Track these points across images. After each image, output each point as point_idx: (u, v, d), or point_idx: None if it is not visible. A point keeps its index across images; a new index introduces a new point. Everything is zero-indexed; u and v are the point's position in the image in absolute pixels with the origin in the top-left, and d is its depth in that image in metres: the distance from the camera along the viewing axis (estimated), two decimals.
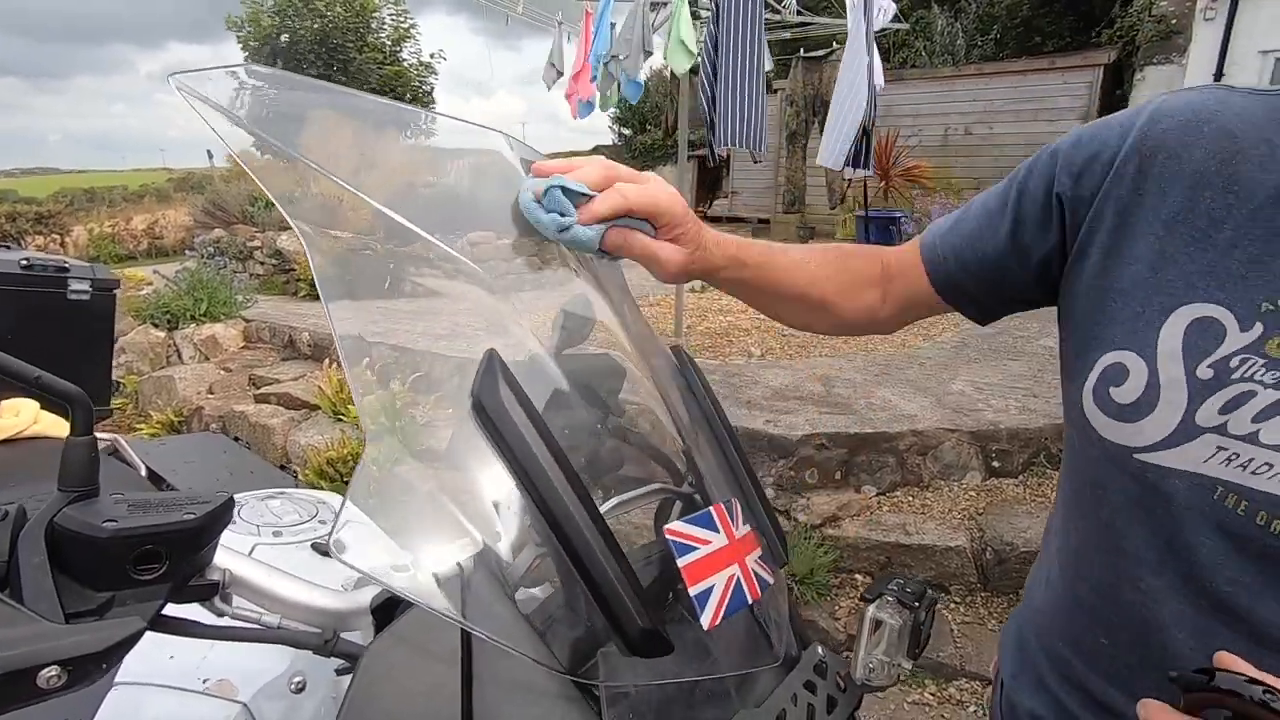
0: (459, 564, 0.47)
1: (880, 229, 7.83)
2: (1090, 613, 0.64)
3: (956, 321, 5.35)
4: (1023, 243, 0.66)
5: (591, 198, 0.58)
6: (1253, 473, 0.50)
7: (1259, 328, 0.51)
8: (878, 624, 0.58)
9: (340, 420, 3.64)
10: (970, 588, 2.66)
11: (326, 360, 4.36)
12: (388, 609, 0.51)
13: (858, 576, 2.74)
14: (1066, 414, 0.64)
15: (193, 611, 0.57)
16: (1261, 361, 0.50)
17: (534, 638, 0.43)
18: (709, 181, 13.41)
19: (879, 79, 4.75)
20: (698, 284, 6.63)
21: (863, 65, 4.52)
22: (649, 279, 0.71)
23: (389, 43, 14.16)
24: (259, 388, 4.49)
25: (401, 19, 14.27)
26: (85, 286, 1.80)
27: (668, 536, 0.50)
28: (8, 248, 1.94)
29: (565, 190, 0.57)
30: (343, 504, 0.41)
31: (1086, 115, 8.58)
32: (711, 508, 0.54)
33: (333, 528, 0.66)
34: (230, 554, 0.56)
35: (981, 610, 2.59)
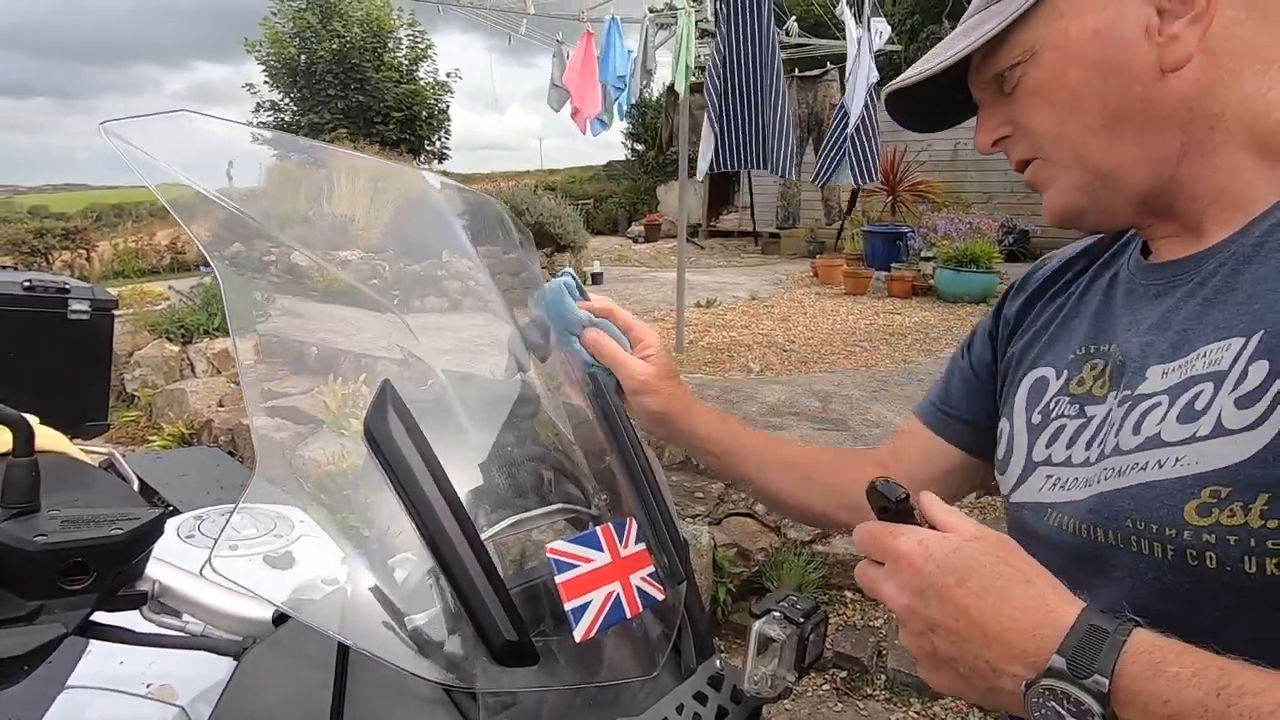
0: (346, 577, 0.51)
1: (886, 244, 7.83)
2: None
3: (960, 338, 5.34)
4: (980, 368, 0.77)
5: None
6: (1063, 489, 0.58)
7: (1065, 374, 0.63)
8: (765, 639, 0.61)
9: (343, 435, 3.71)
10: None
11: (331, 374, 4.44)
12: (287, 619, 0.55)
13: (847, 593, 2.75)
14: None
15: (132, 619, 0.62)
16: (1067, 399, 0.61)
17: (406, 647, 0.47)
18: (719, 196, 13.48)
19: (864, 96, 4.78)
20: (703, 299, 6.66)
21: (863, 88, 4.57)
22: (652, 292, 0.84)
23: (406, 62, 14.45)
24: (268, 401, 4.58)
25: (418, 39, 14.58)
26: (85, 306, 1.88)
27: (548, 555, 0.54)
28: (15, 269, 2.05)
29: (579, 283, 0.78)
30: (228, 518, 0.45)
31: None
32: (598, 528, 0.57)
33: (216, 540, 0.71)
34: (162, 565, 0.61)
35: None
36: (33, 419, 1.31)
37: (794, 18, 5.83)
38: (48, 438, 1.35)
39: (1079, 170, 0.56)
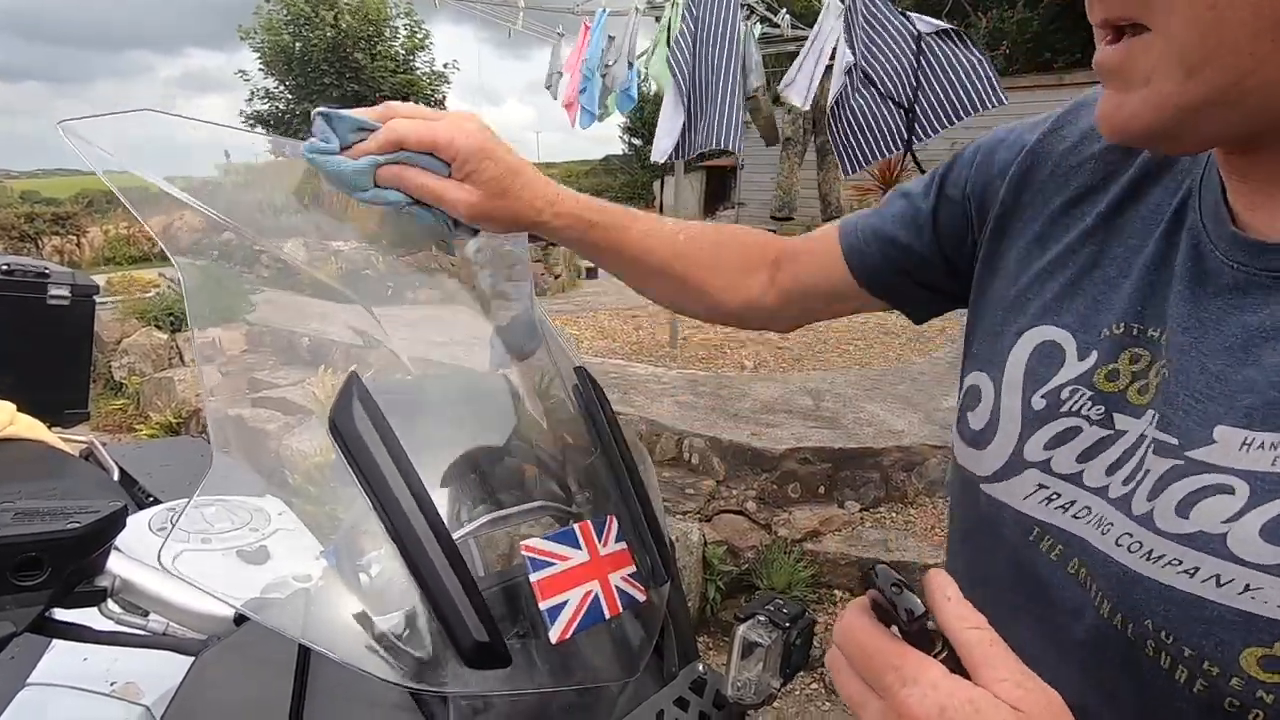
0: (311, 576, 0.49)
1: None
2: None
3: (954, 336, 5.34)
4: (941, 231, 0.61)
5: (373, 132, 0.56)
6: (1073, 516, 0.45)
7: (1093, 356, 0.46)
8: (749, 644, 0.59)
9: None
10: None
11: (322, 366, 4.41)
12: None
13: (837, 592, 2.74)
14: None
15: (91, 616, 0.59)
16: (1089, 394, 0.46)
17: (372, 649, 0.44)
18: (716, 191, 13.45)
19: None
20: None
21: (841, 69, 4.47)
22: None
23: (402, 52, 14.34)
24: (257, 391, 4.54)
25: (416, 29, 14.46)
26: (65, 292, 1.84)
27: (523, 552, 0.51)
28: None
29: (331, 119, 0.54)
30: (181, 511, 0.43)
31: None
32: (576, 525, 0.55)
33: (168, 534, 0.68)
34: (124, 560, 0.58)
35: None
36: (10, 406, 1.28)
37: (785, 10, 5.75)
38: (25, 425, 1.32)
39: (1194, 85, 0.36)
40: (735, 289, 0.69)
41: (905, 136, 4.37)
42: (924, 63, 4.26)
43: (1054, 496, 0.46)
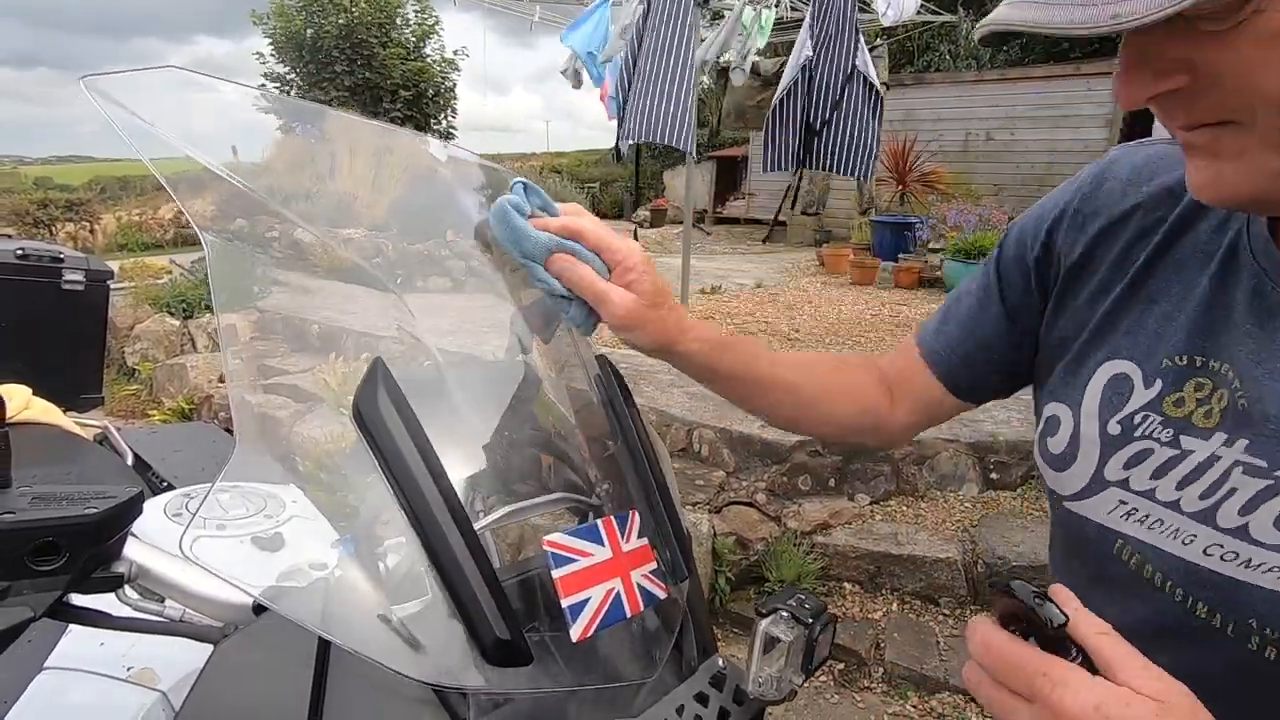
0: (335, 562, 0.48)
1: (895, 234, 7.76)
2: None
3: None
4: (1013, 310, 0.66)
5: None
6: (1148, 528, 0.52)
7: (1158, 385, 0.53)
8: (771, 639, 0.58)
9: (343, 413, 3.68)
10: (960, 600, 2.63)
11: (333, 353, 4.41)
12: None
13: (846, 585, 2.73)
14: None
15: (108, 602, 0.59)
16: (1159, 419, 0.52)
17: (392, 642, 0.44)
18: (726, 181, 13.38)
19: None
20: (708, 284, 6.56)
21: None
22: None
23: (413, 39, 14.28)
24: (268, 378, 4.56)
25: (426, 15, 14.38)
26: (79, 276, 1.85)
27: (546, 547, 0.51)
28: (9, 236, 2.03)
29: (528, 189, 0.60)
30: (203, 498, 0.42)
31: (1110, 122, 8.44)
32: (599, 521, 0.54)
33: (191, 519, 0.68)
34: (141, 546, 0.58)
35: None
36: (25, 390, 1.27)
37: None
38: (41, 409, 1.33)
39: None
40: (857, 405, 0.74)
41: (800, 159, 4.36)
42: (844, 100, 4.23)
43: (1133, 510, 0.53)
